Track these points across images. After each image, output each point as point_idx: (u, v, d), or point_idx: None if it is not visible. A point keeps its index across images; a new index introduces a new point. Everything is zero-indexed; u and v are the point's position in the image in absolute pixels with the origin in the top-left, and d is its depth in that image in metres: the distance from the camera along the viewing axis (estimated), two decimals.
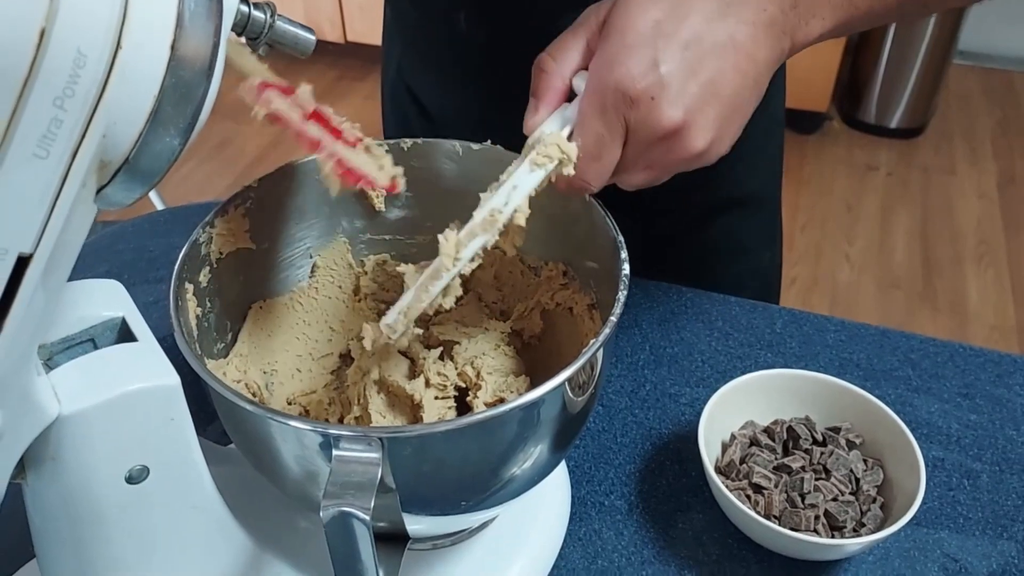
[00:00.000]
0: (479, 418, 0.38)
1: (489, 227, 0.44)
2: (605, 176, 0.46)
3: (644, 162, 0.46)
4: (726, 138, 0.45)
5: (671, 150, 0.44)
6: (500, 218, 0.44)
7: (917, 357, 0.68)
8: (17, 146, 0.26)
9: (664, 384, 0.66)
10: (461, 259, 0.45)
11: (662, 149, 0.45)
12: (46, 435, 0.35)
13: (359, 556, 0.37)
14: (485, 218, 0.44)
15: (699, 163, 0.46)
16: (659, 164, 0.46)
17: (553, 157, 0.44)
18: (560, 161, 0.45)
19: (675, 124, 0.43)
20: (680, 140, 0.44)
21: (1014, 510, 0.57)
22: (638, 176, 0.47)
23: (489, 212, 0.44)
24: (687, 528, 0.56)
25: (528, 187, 0.45)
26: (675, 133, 0.44)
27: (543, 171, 0.45)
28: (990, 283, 2.05)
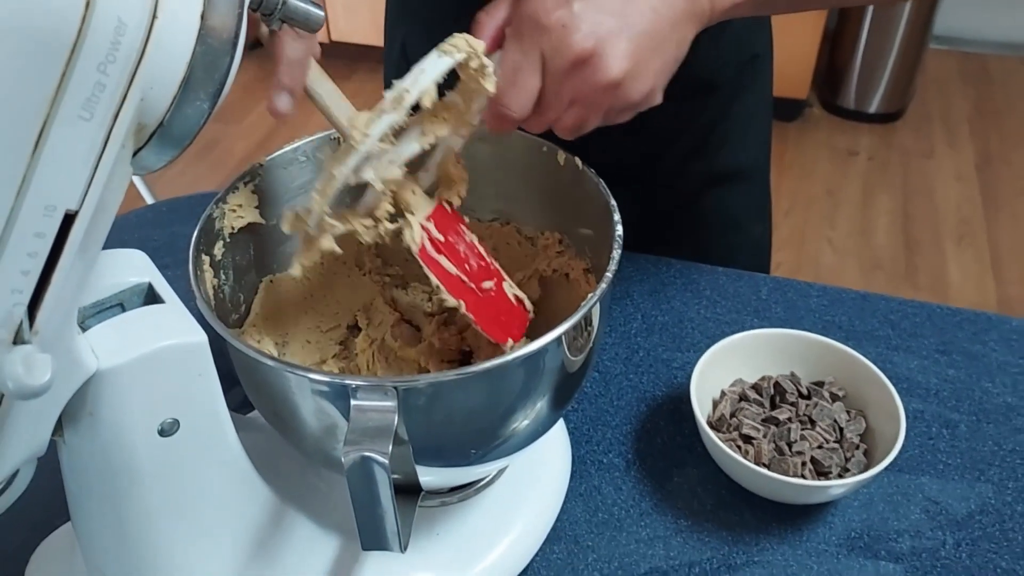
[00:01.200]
0: (487, 366, 0.41)
1: (396, 105, 0.46)
2: (524, 103, 0.48)
3: (565, 96, 0.48)
4: (645, 75, 0.47)
5: (586, 79, 0.46)
6: (407, 97, 0.46)
7: (896, 318, 0.71)
8: (65, 109, 0.28)
9: (656, 350, 0.69)
10: (370, 136, 0.46)
11: (578, 78, 0.47)
12: (83, 391, 0.37)
13: (379, 499, 0.40)
14: (393, 97, 0.46)
15: (623, 99, 0.48)
16: (582, 99, 0.48)
17: (459, 47, 0.46)
18: (468, 55, 0.46)
19: (585, 51, 0.45)
20: (592, 68, 0.46)
21: (990, 455, 0.61)
22: (568, 115, 0.49)
23: (397, 91, 0.46)
24: (682, 481, 0.59)
25: (434, 72, 0.46)
26: (586, 60, 0.46)
27: (448, 58, 0.46)
28: (970, 262, 2.10)
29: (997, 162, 2.42)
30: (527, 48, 0.47)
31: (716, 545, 0.56)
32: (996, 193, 2.30)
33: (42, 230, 0.30)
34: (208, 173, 2.37)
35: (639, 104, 0.49)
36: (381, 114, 0.46)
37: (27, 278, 0.30)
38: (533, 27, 0.46)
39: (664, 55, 0.48)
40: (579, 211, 0.54)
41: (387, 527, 0.41)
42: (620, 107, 0.49)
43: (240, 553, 0.45)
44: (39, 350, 0.31)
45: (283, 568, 0.47)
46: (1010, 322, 0.70)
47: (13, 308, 0.31)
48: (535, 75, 0.47)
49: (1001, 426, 0.62)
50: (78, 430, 0.38)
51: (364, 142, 0.46)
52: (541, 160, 0.54)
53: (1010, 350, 0.68)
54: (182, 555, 0.42)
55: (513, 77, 0.48)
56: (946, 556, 0.55)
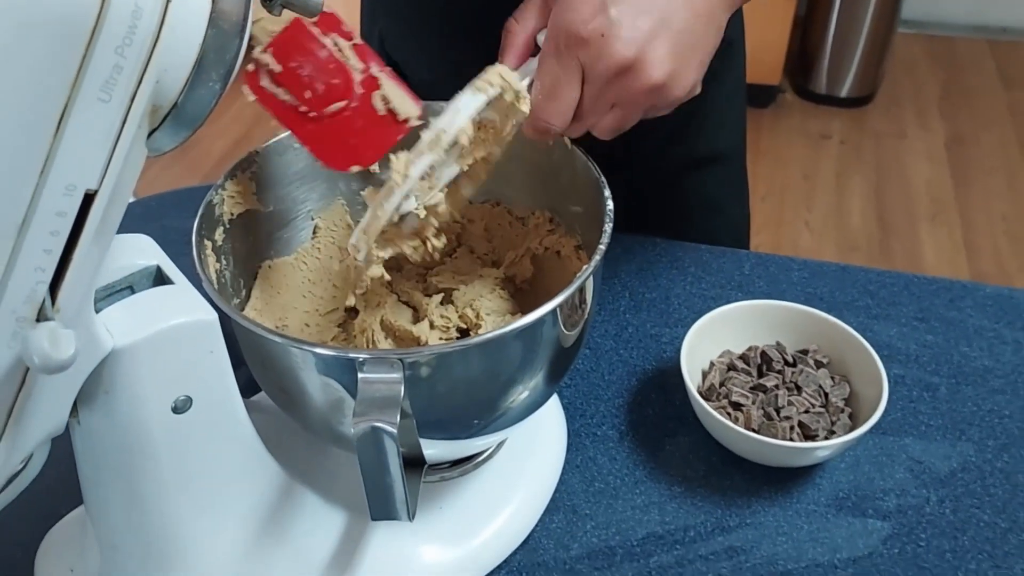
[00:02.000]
0: (488, 337, 0.42)
1: (435, 146, 0.48)
2: (565, 115, 0.49)
3: (606, 101, 0.48)
4: (687, 72, 0.48)
5: (629, 86, 0.47)
6: (444, 137, 0.47)
7: (875, 288, 0.73)
8: (86, 91, 0.29)
9: (645, 326, 0.71)
10: (410, 176, 0.48)
11: (620, 85, 0.47)
12: (99, 370, 0.38)
13: (387, 469, 0.41)
14: (431, 138, 0.48)
15: (666, 99, 0.48)
16: (624, 102, 0.48)
17: (494, 84, 0.48)
18: (502, 89, 0.48)
19: (627, 59, 0.46)
20: (635, 74, 0.46)
21: (970, 415, 0.63)
22: (607, 118, 0.50)
23: (435, 132, 0.48)
24: (674, 450, 0.61)
25: (470, 110, 0.48)
26: (629, 68, 0.46)
27: (484, 96, 0.48)
28: (943, 240, 2.14)
29: (967, 142, 2.47)
30: (566, 62, 0.47)
31: (709, 509, 0.57)
32: (966, 172, 2.35)
33: (63, 209, 0.31)
34: (187, 173, 2.36)
35: (682, 99, 0.50)
36: (420, 156, 0.48)
37: (49, 256, 0.32)
38: (571, 39, 0.46)
39: (704, 49, 0.49)
40: (569, 189, 0.56)
41: (395, 497, 0.43)
42: (664, 105, 0.49)
43: (251, 526, 0.46)
44: (62, 327, 0.32)
45: (292, 541, 0.48)
46: (984, 289, 0.73)
47: (36, 286, 0.32)
48: (575, 87, 0.48)
49: (979, 388, 0.65)
50: (94, 409, 0.40)
51: (405, 183, 0.48)
52: (530, 141, 0.56)
53: (985, 315, 0.70)
54: (195, 528, 0.44)
55: (552, 91, 0.48)
56: (930, 512, 0.57)
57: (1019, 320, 0.70)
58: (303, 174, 0.57)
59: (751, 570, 0.54)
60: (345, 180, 0.60)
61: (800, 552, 0.55)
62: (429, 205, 0.50)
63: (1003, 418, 0.63)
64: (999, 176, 2.33)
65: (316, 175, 0.58)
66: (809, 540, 0.55)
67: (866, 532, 0.56)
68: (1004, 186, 2.30)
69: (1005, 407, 0.63)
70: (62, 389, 0.37)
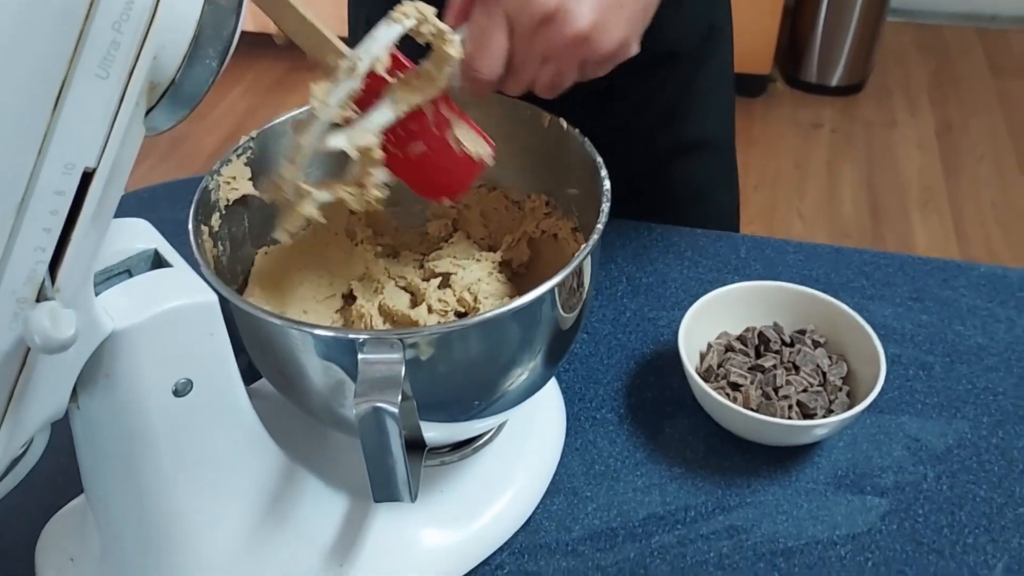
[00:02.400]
0: (487, 316, 0.42)
1: (350, 73, 0.47)
2: (493, 65, 0.50)
3: (535, 53, 0.49)
4: (613, 25, 0.48)
5: (554, 35, 0.48)
6: (360, 65, 0.47)
7: (870, 269, 0.73)
8: (83, 67, 0.29)
9: (642, 310, 0.71)
10: (329, 104, 0.47)
11: (545, 36, 0.48)
12: (99, 353, 0.38)
13: (389, 450, 0.41)
14: (347, 66, 0.47)
15: (595, 52, 0.49)
16: (553, 54, 0.49)
17: (409, 14, 0.48)
18: (418, 20, 0.47)
19: (549, 7, 0.47)
20: (559, 23, 0.47)
21: (964, 393, 0.63)
22: (543, 73, 0.51)
23: (351, 60, 0.47)
24: (673, 432, 0.61)
25: (384, 39, 0.47)
26: (552, 17, 0.47)
27: (399, 26, 0.47)
28: (935, 227, 2.15)
29: (957, 130, 2.48)
30: (491, 10, 0.48)
31: (709, 489, 0.58)
32: (957, 160, 2.36)
33: (62, 188, 0.31)
34: (177, 169, 2.36)
35: (614, 54, 0.50)
36: (337, 83, 0.47)
37: (48, 236, 0.31)
38: None
39: (632, 4, 0.49)
40: (565, 172, 0.56)
41: (398, 478, 0.43)
42: (595, 59, 0.50)
43: (253, 510, 0.46)
44: (62, 307, 0.32)
45: (295, 525, 0.48)
46: (978, 268, 0.73)
47: (36, 266, 0.32)
48: (502, 35, 0.49)
49: (974, 365, 0.65)
50: (94, 393, 0.39)
51: (324, 111, 0.47)
52: (525, 124, 0.56)
53: (978, 295, 0.71)
54: (197, 512, 0.44)
55: (480, 39, 0.49)
56: (928, 489, 0.57)
57: (1012, 299, 0.70)
58: None
59: (751, 548, 0.54)
60: (340, 167, 0.59)
61: (800, 530, 0.55)
62: (361, 146, 0.49)
63: (997, 395, 0.63)
64: (989, 163, 2.34)
65: (311, 161, 0.58)
66: (808, 518, 0.56)
67: (865, 509, 0.56)
68: (994, 173, 2.31)
69: (999, 384, 0.64)
70: (62, 371, 0.36)
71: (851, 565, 0.53)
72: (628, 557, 0.54)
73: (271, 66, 2.73)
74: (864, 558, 0.53)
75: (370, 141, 0.49)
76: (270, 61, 2.73)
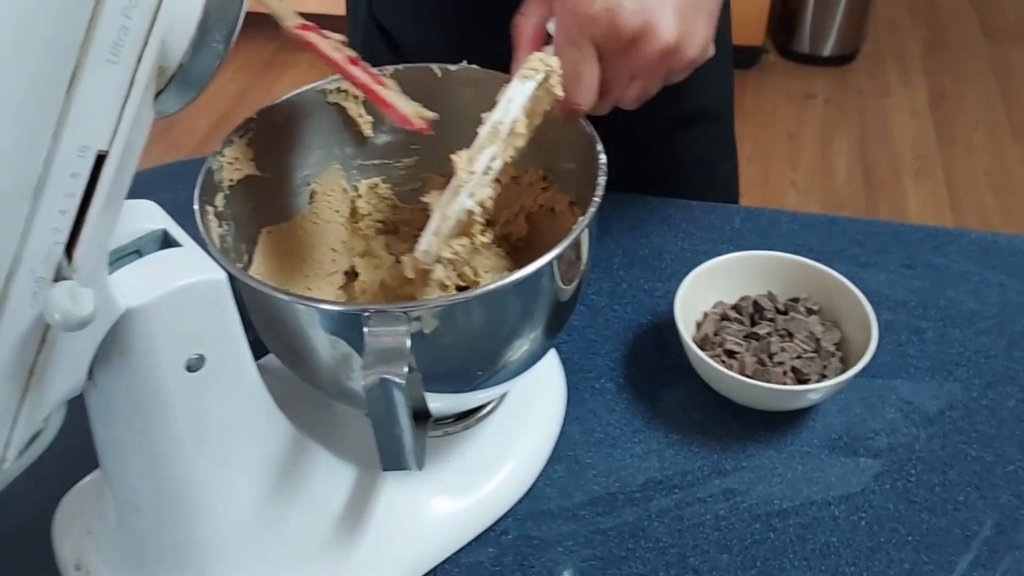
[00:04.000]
0: (489, 289, 0.44)
1: (494, 138, 0.49)
2: (591, 94, 0.51)
3: (626, 73, 0.51)
4: (696, 31, 0.50)
5: (643, 53, 0.49)
6: (502, 129, 0.49)
7: (863, 237, 0.75)
8: (94, 52, 0.30)
9: (638, 282, 0.72)
10: (475, 171, 0.49)
11: (635, 55, 0.50)
12: (114, 332, 0.39)
13: (397, 419, 0.43)
14: (489, 131, 0.50)
15: (681, 61, 0.50)
16: (642, 71, 0.51)
17: (538, 69, 0.50)
18: (546, 73, 0.50)
19: (636, 28, 0.48)
20: (647, 41, 0.49)
21: (956, 356, 0.65)
22: (631, 89, 0.52)
23: (492, 125, 0.50)
24: (671, 400, 0.63)
25: (521, 98, 0.50)
26: (640, 36, 0.49)
27: (532, 82, 0.50)
28: (928, 195, 2.16)
29: (950, 98, 2.48)
30: (580, 43, 0.49)
31: (706, 454, 0.59)
32: (950, 128, 2.37)
33: (77, 170, 0.32)
34: (169, 152, 2.36)
35: (697, 60, 0.52)
36: (481, 149, 0.49)
37: (65, 217, 0.32)
38: (580, 20, 0.48)
39: (708, 7, 0.51)
40: (561, 146, 0.56)
41: (405, 447, 0.44)
42: (679, 68, 0.52)
43: (265, 481, 0.47)
44: (79, 286, 0.33)
45: (306, 495, 0.50)
46: (969, 235, 0.74)
47: (53, 246, 0.33)
48: (594, 66, 0.50)
49: (965, 330, 0.67)
50: (110, 371, 0.41)
51: (472, 180, 0.49)
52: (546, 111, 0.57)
53: (970, 260, 0.72)
54: (212, 483, 0.45)
55: (576, 74, 0.50)
56: (920, 449, 0.59)
57: (1003, 263, 0.72)
58: (299, 139, 0.58)
59: (748, 510, 0.56)
60: (340, 146, 0.60)
61: (795, 492, 0.57)
62: (480, 200, 0.51)
63: (989, 357, 0.65)
64: (982, 131, 2.35)
65: (311, 140, 0.59)
66: (803, 480, 0.57)
67: (858, 470, 0.58)
68: (987, 141, 2.32)
69: (991, 347, 0.65)
70: (80, 349, 0.37)
71: (845, 524, 0.55)
72: (627, 521, 0.56)
73: (261, 47, 2.72)
74: (858, 518, 0.55)
75: (489, 194, 0.51)
76: (260, 42, 2.72)
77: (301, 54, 2.74)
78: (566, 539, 0.55)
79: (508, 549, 0.54)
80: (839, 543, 0.54)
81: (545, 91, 0.50)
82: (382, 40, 0.82)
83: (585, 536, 0.55)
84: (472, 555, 0.54)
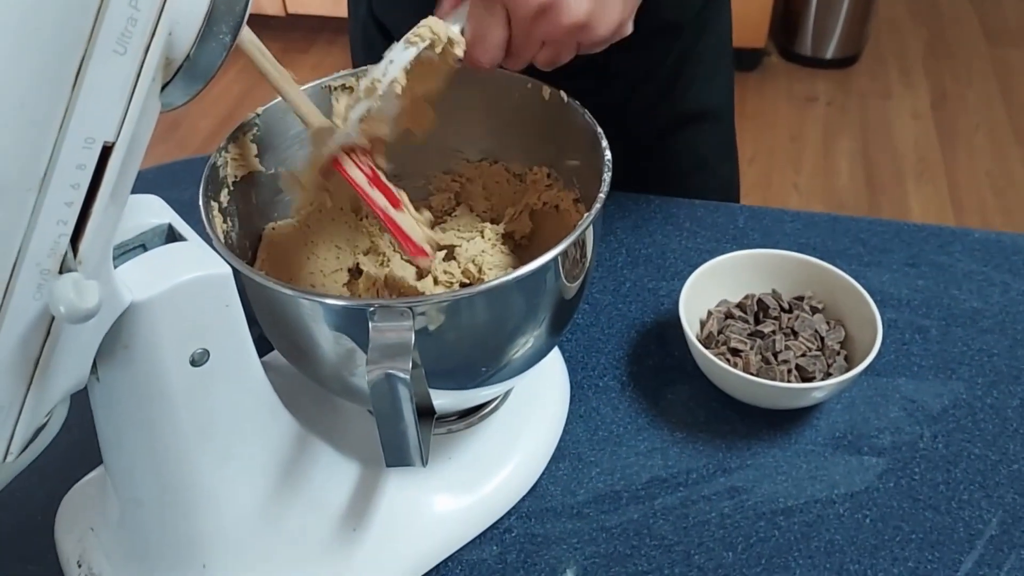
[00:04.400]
0: (493, 284, 0.44)
1: (370, 93, 0.50)
2: (493, 54, 0.52)
3: (534, 39, 0.51)
4: (609, 12, 0.50)
5: (551, 24, 0.50)
6: (379, 86, 0.50)
7: (866, 236, 0.75)
8: (102, 43, 0.30)
9: (642, 280, 0.72)
10: (349, 119, 0.51)
11: (543, 24, 0.50)
12: (118, 325, 0.39)
13: (401, 415, 0.43)
14: (367, 86, 0.51)
15: (591, 37, 0.51)
16: (551, 40, 0.51)
17: (424, 37, 0.50)
18: (432, 41, 0.50)
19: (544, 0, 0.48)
20: (556, 13, 0.49)
21: (960, 355, 0.65)
22: (541, 55, 0.53)
23: (370, 80, 0.50)
24: (675, 398, 0.63)
25: (402, 61, 0.50)
26: (549, 7, 0.49)
27: (415, 48, 0.50)
28: (930, 197, 2.16)
29: (951, 99, 2.48)
30: (490, 6, 0.50)
31: (711, 452, 0.59)
32: (952, 130, 2.37)
33: (83, 162, 0.32)
34: (174, 151, 2.36)
35: (610, 37, 0.52)
36: (357, 102, 0.51)
37: (70, 209, 0.32)
38: None
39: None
40: (566, 143, 0.56)
41: (409, 442, 0.44)
42: (591, 43, 0.52)
43: (269, 476, 0.47)
44: (84, 278, 0.33)
45: (309, 491, 0.50)
46: (972, 234, 0.74)
47: (58, 238, 0.33)
48: (501, 28, 0.50)
49: (969, 328, 0.67)
50: (113, 364, 0.41)
51: (346, 126, 0.51)
52: (526, 97, 0.57)
53: (974, 259, 0.72)
54: (215, 478, 0.45)
55: (480, 34, 0.51)
56: (924, 448, 0.59)
57: (1006, 263, 0.72)
58: (302, 136, 0.58)
59: (752, 508, 0.56)
60: None
61: (799, 490, 0.57)
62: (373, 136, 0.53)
63: (992, 356, 0.64)
64: (984, 133, 2.35)
65: None
66: (808, 478, 0.57)
67: (862, 468, 0.58)
68: (989, 142, 2.31)
69: (994, 346, 0.65)
70: (84, 342, 0.37)
71: (849, 522, 0.55)
72: (632, 518, 0.55)
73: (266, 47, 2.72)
74: (862, 515, 0.55)
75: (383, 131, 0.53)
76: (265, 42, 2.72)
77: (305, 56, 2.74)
78: (570, 537, 0.55)
79: (511, 547, 0.54)
80: (843, 541, 0.54)
81: (441, 57, 0.51)
82: (382, 39, 0.82)
83: (589, 534, 0.55)
84: (475, 552, 0.54)
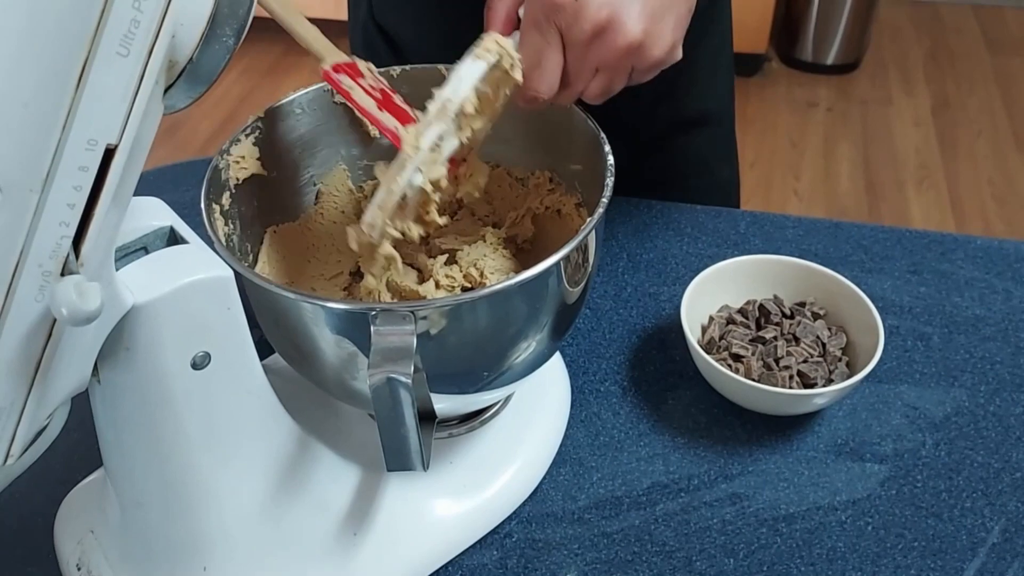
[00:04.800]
0: (495, 288, 0.43)
1: (442, 115, 0.49)
2: (551, 82, 0.51)
3: (589, 65, 0.50)
4: (663, 31, 0.50)
5: (607, 46, 0.49)
6: (451, 107, 0.49)
7: (868, 243, 0.74)
8: (105, 45, 0.30)
9: (644, 286, 0.72)
10: (421, 148, 0.49)
11: (599, 47, 0.49)
12: (120, 327, 0.39)
13: (403, 419, 0.42)
14: (438, 108, 0.49)
15: (645, 60, 0.50)
16: (605, 64, 0.50)
17: (491, 50, 0.49)
18: (499, 56, 0.49)
19: (602, 20, 0.48)
20: (612, 34, 0.48)
21: (962, 363, 0.65)
22: (593, 83, 0.52)
23: (440, 103, 0.49)
24: (676, 404, 0.63)
25: (472, 78, 0.49)
26: (605, 28, 0.48)
27: (483, 63, 0.49)
28: (931, 204, 2.16)
29: (952, 106, 2.48)
30: (545, 29, 0.49)
31: (712, 458, 0.59)
32: (953, 137, 2.37)
33: (85, 164, 0.32)
34: (174, 153, 2.36)
35: (662, 61, 0.51)
36: (428, 126, 0.49)
37: (72, 211, 0.32)
38: (547, 7, 0.48)
39: (677, 9, 0.50)
40: (568, 148, 0.56)
41: (411, 447, 0.44)
42: (644, 67, 0.51)
43: (270, 479, 0.47)
44: (86, 280, 0.33)
45: (310, 494, 0.49)
46: (975, 241, 0.74)
47: (60, 240, 0.32)
48: (557, 54, 0.50)
49: (971, 336, 0.66)
50: (115, 367, 0.40)
51: (418, 155, 0.49)
52: None
53: (976, 267, 0.72)
54: (217, 481, 0.45)
55: (537, 60, 0.50)
56: (926, 455, 0.59)
57: (1008, 270, 0.72)
58: (305, 139, 0.58)
59: (754, 515, 0.56)
60: (346, 146, 0.60)
61: (801, 496, 0.56)
62: (433, 179, 0.50)
63: (994, 364, 0.64)
64: (985, 140, 2.35)
65: (317, 140, 0.59)
66: (809, 485, 0.57)
67: (864, 475, 0.57)
68: (990, 150, 2.32)
69: (996, 354, 0.65)
70: (85, 345, 0.37)
71: (851, 529, 0.54)
72: (633, 524, 0.55)
73: (266, 50, 2.72)
74: (864, 523, 0.55)
75: (441, 173, 0.50)
76: (265, 45, 2.73)
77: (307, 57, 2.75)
78: (571, 542, 0.54)
79: (512, 552, 0.54)
80: (845, 548, 0.53)
81: (504, 75, 0.50)
82: (383, 41, 0.82)
83: (590, 539, 0.55)
84: (476, 557, 0.54)
